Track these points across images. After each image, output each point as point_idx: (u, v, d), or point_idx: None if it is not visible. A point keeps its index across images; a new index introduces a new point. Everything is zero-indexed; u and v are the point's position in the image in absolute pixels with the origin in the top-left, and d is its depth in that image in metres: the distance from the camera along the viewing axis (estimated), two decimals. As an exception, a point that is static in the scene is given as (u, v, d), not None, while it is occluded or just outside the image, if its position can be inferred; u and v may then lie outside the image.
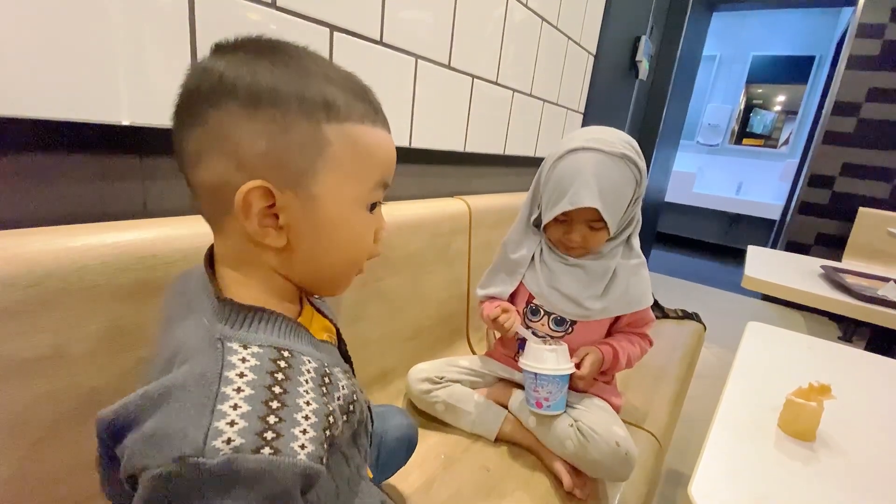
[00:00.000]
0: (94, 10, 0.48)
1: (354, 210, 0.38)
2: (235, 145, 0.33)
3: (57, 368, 0.45)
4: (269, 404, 0.28)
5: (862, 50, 2.47)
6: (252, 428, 0.27)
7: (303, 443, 0.29)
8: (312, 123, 0.34)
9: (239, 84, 0.32)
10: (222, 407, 0.27)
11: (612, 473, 0.69)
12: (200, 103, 0.33)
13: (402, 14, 0.85)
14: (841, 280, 1.19)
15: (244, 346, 0.30)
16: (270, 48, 0.35)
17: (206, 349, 0.30)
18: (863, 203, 2.51)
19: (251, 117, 0.32)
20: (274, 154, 0.33)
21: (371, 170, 0.38)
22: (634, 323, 0.83)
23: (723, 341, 2.14)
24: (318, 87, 0.34)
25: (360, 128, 0.36)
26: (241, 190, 0.32)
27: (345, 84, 0.36)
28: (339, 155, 0.35)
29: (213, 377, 0.28)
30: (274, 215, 0.34)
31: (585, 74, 1.71)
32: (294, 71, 0.34)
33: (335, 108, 0.34)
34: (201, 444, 0.25)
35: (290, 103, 0.33)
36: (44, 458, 0.45)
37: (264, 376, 0.30)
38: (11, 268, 0.41)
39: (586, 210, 0.70)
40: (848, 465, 0.53)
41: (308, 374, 0.33)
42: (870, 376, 0.77)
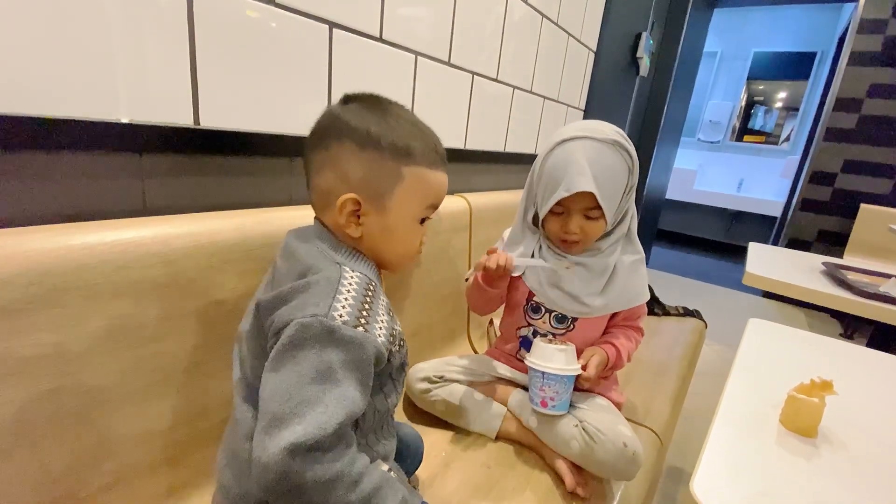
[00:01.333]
0: (93, 9, 0.48)
1: (410, 222, 0.53)
2: (345, 168, 0.49)
3: (57, 366, 0.45)
4: (364, 304, 0.45)
5: (863, 46, 2.46)
6: (354, 313, 0.43)
7: (379, 333, 0.45)
8: (397, 164, 0.50)
9: (356, 130, 0.48)
10: (339, 297, 0.44)
11: (618, 473, 0.69)
12: (329, 136, 0.50)
13: (402, 11, 0.85)
14: (842, 277, 1.18)
15: (351, 271, 0.47)
16: (380, 106, 0.52)
17: (331, 266, 0.47)
18: (864, 199, 2.50)
19: (359, 153, 0.49)
20: (368, 179, 0.49)
21: (427, 197, 0.54)
22: (629, 316, 0.83)
23: (724, 338, 2.14)
24: (405, 139, 0.50)
25: (426, 171, 0.52)
26: (342, 198, 0.49)
27: (423, 138, 0.52)
28: (409, 186, 0.51)
29: (335, 280, 0.45)
30: (357, 216, 0.50)
31: (586, 71, 1.70)
32: (393, 125, 0.50)
33: (412, 156, 0.50)
34: (326, 310, 0.42)
35: (385, 149, 0.49)
36: (44, 457, 0.45)
37: (362, 290, 0.46)
38: (11, 266, 0.41)
39: (583, 198, 0.70)
40: (850, 460, 0.53)
41: (382, 302, 0.49)
42: (871, 372, 0.77)
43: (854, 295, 1.09)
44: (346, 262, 0.48)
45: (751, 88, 4.33)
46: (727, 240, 4.53)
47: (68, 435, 0.47)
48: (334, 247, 0.50)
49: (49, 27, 0.45)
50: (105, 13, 0.49)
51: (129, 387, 0.51)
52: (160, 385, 0.54)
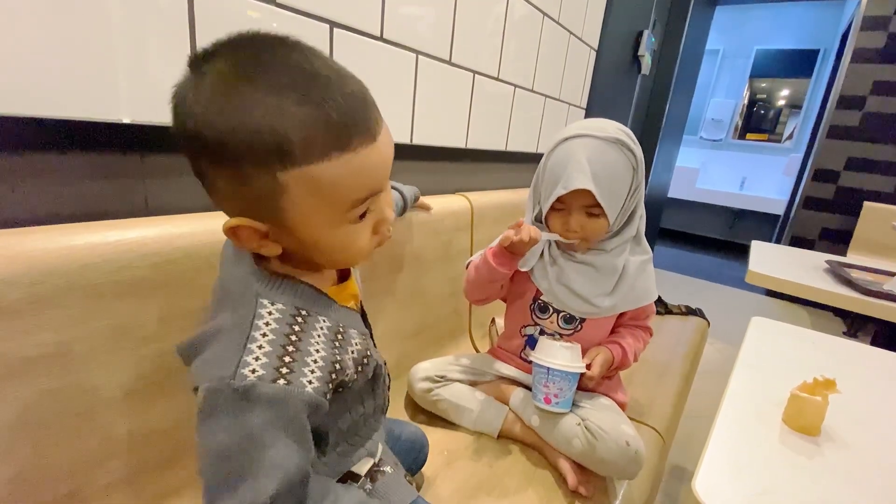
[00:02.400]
0: (94, 9, 0.48)
1: (333, 231, 0.39)
2: (216, 187, 0.37)
3: (60, 366, 0.45)
4: (286, 348, 0.37)
5: (866, 43, 2.45)
6: (272, 363, 0.36)
7: (310, 379, 0.38)
8: (267, 174, 0.34)
9: (200, 142, 0.34)
10: (251, 346, 0.36)
11: (620, 472, 0.69)
12: (183, 147, 0.36)
13: (403, 10, 0.85)
14: (846, 275, 1.18)
15: (272, 303, 0.39)
16: (238, 70, 0.34)
17: (246, 302, 0.38)
18: (868, 197, 2.49)
19: (217, 169, 0.36)
20: (243, 199, 0.37)
21: (344, 197, 0.38)
22: (637, 316, 0.83)
23: (726, 337, 2.13)
24: (269, 132, 0.33)
25: (323, 166, 0.35)
26: (224, 227, 0.38)
27: (306, 113, 0.34)
28: (300, 196, 0.36)
29: (246, 324, 0.37)
30: (265, 234, 0.39)
31: (587, 69, 1.70)
32: (242, 113, 0.33)
33: (290, 153, 0.34)
34: (233, 370, 0.34)
35: (242, 158, 0.34)
36: (47, 456, 0.45)
37: (284, 327, 0.38)
38: (14, 266, 0.42)
39: (582, 195, 0.69)
40: (853, 459, 0.52)
41: (321, 330, 0.41)
42: (875, 371, 0.77)
43: (857, 293, 1.08)
44: (266, 293, 0.39)
45: (753, 86, 4.31)
46: (730, 238, 4.52)
47: (71, 434, 0.47)
48: (255, 269, 0.41)
49: (50, 28, 0.45)
50: (106, 13, 0.49)
51: (131, 386, 0.51)
52: (162, 384, 0.54)
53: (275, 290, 0.40)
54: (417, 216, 0.94)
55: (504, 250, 0.73)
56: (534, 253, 0.80)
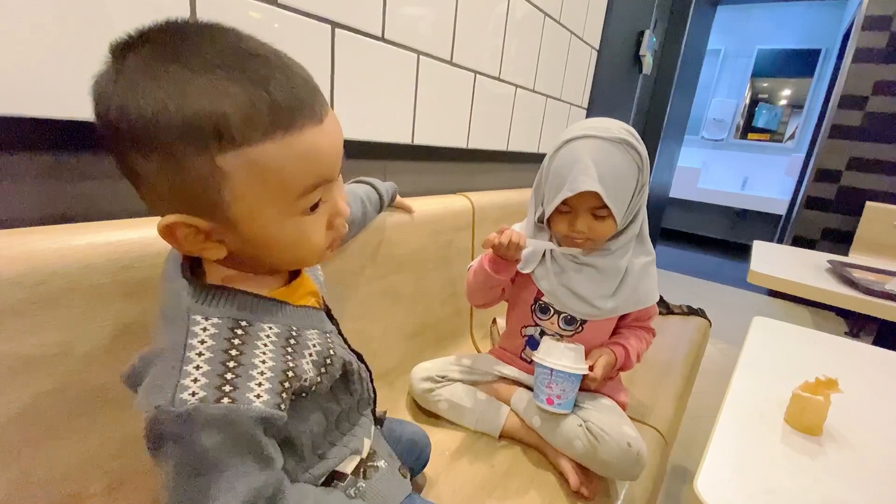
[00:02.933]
0: (96, 9, 0.48)
1: (282, 224, 0.37)
2: (146, 181, 0.33)
3: (63, 366, 0.45)
4: (226, 364, 0.34)
5: (868, 42, 2.45)
6: (213, 382, 0.33)
7: (258, 393, 0.35)
8: (204, 158, 0.31)
9: (124, 125, 0.31)
10: (187, 367, 0.33)
11: (621, 473, 0.69)
12: (106, 139, 0.33)
13: (404, 10, 0.85)
14: (848, 275, 1.18)
15: (206, 318, 0.36)
16: (155, 54, 0.31)
17: (178, 319, 0.35)
18: (870, 197, 2.48)
19: (146, 158, 0.32)
20: (177, 192, 0.33)
21: (291, 183, 0.35)
22: (640, 317, 0.82)
23: (728, 337, 2.13)
24: (202, 110, 0.30)
25: (265, 146, 0.32)
26: (158, 226, 0.34)
27: (243, 91, 0.31)
28: (242, 183, 0.33)
29: (179, 345, 0.34)
30: (206, 234, 0.36)
31: (588, 69, 1.70)
32: (174, 91, 0.30)
33: (228, 132, 0.31)
34: (171, 397, 0.32)
35: (173, 141, 0.30)
36: (50, 456, 0.46)
37: (222, 342, 0.35)
38: (17, 266, 0.42)
39: (588, 197, 0.68)
40: (855, 459, 0.52)
41: (267, 338, 0.38)
42: (877, 371, 0.76)
43: (860, 293, 1.08)
44: (198, 308, 0.36)
45: (755, 86, 4.30)
46: (731, 238, 4.51)
47: (74, 434, 0.47)
48: (188, 282, 0.37)
49: (52, 29, 0.45)
50: (108, 14, 0.49)
51: (134, 386, 0.51)
52: (165, 384, 0.54)
53: (208, 303, 0.36)
54: (418, 215, 0.94)
55: (498, 256, 0.73)
56: (535, 255, 0.80)
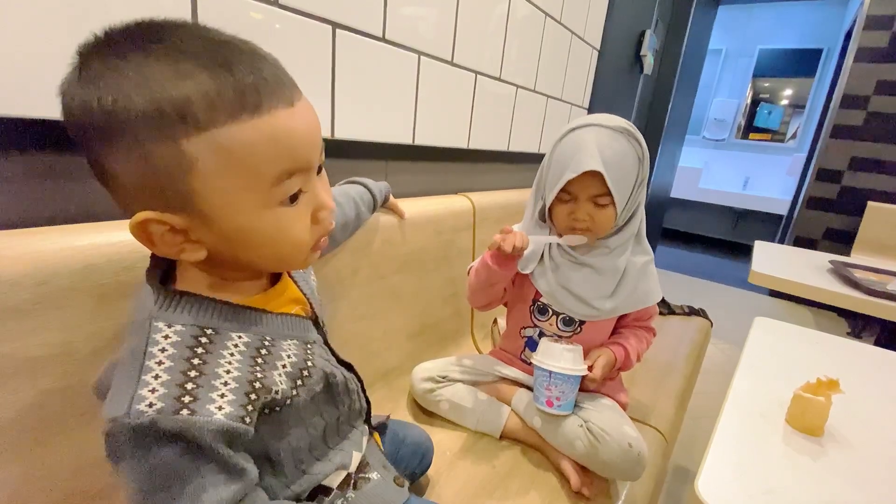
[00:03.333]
0: (98, 10, 0.48)
1: (260, 215, 0.35)
2: (114, 177, 0.32)
3: (65, 366, 0.45)
4: (187, 373, 0.33)
5: (870, 42, 2.44)
6: (171, 394, 0.31)
7: (220, 405, 0.33)
8: (169, 144, 0.30)
9: (87, 118, 0.30)
10: (146, 377, 0.32)
11: (622, 473, 0.69)
12: (75, 138, 0.32)
13: (405, 10, 0.85)
14: (849, 275, 1.17)
15: (168, 325, 0.34)
16: (116, 50, 0.31)
17: (139, 327, 0.34)
18: (872, 197, 2.48)
19: (112, 151, 0.31)
20: (146, 185, 0.32)
21: (263, 168, 0.33)
22: (640, 317, 0.82)
23: (729, 337, 2.13)
24: (167, 93, 0.29)
25: (232, 129, 0.31)
26: (131, 225, 0.33)
27: (206, 74, 0.30)
28: (211, 169, 0.32)
29: (139, 353, 0.32)
30: (182, 232, 0.34)
31: (589, 70, 1.70)
32: (136, 79, 0.29)
33: (193, 116, 0.30)
34: (126, 408, 0.30)
35: (137, 128, 0.30)
36: (53, 455, 0.46)
37: (184, 350, 0.34)
38: (20, 266, 0.42)
39: (590, 184, 0.69)
40: (856, 459, 0.52)
41: (235, 348, 0.37)
42: (879, 371, 0.76)
43: (861, 293, 1.08)
44: (161, 314, 0.34)
45: (756, 86, 4.30)
46: (733, 238, 4.50)
47: (76, 434, 0.47)
48: (153, 288, 0.36)
49: (54, 30, 0.46)
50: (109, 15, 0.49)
51: (136, 386, 0.51)
52: (167, 384, 0.54)
53: (171, 309, 0.35)
54: (419, 215, 0.94)
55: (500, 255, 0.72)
56: (534, 255, 0.79)
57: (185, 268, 0.39)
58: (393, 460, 0.61)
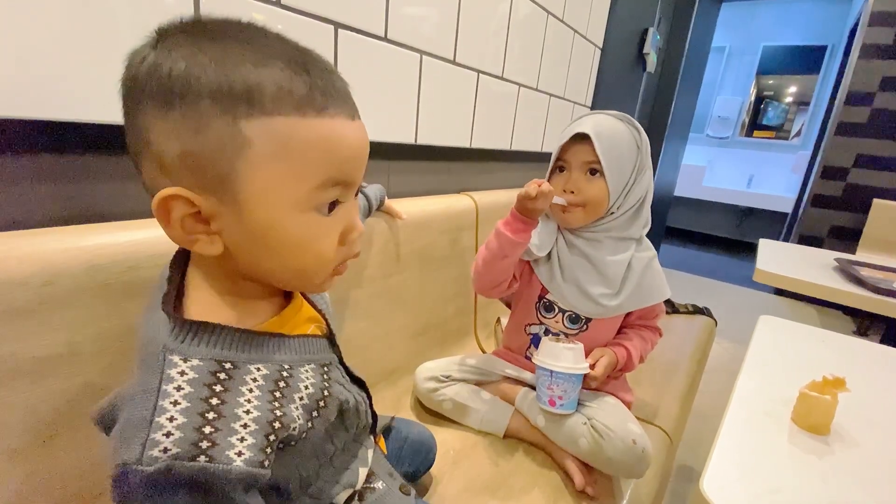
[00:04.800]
0: (101, 11, 0.48)
1: (293, 215, 0.34)
2: (155, 147, 0.31)
3: (70, 366, 0.46)
4: (205, 415, 0.30)
5: (875, 38, 2.42)
6: (188, 438, 0.29)
7: (240, 450, 0.31)
8: (228, 120, 0.30)
9: (153, 80, 0.30)
10: (160, 419, 0.29)
11: (627, 471, 0.69)
12: (127, 99, 0.32)
13: (407, 10, 0.85)
14: (855, 273, 1.17)
15: (184, 360, 0.31)
16: (200, 30, 0.31)
17: (152, 359, 0.31)
18: (877, 194, 2.46)
19: (164, 117, 0.30)
20: (189, 157, 0.30)
21: (313, 168, 0.33)
22: (645, 316, 0.82)
23: (734, 336, 2.12)
24: (241, 75, 0.30)
25: (295, 121, 0.31)
26: (156, 198, 0.31)
27: (282, 66, 0.31)
28: (263, 156, 0.31)
29: (152, 390, 0.29)
30: (205, 221, 0.33)
31: (592, 68, 1.69)
32: (213, 55, 0.30)
33: (260, 99, 0.30)
34: (139, 454, 0.28)
35: (201, 98, 0.29)
36: (58, 455, 0.46)
37: (202, 389, 0.31)
38: (25, 267, 0.42)
39: (581, 148, 0.73)
40: (863, 458, 0.52)
41: (254, 382, 0.34)
42: (885, 369, 0.76)
43: (867, 291, 1.07)
44: (177, 346, 0.31)
45: (760, 83, 4.27)
46: (737, 236, 4.48)
47: (81, 434, 0.47)
48: (168, 316, 0.33)
49: (57, 32, 0.46)
50: (113, 16, 0.49)
51: (140, 386, 0.51)
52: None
53: (188, 341, 0.32)
54: (422, 214, 0.94)
55: (517, 218, 0.70)
56: (546, 242, 0.78)
57: (198, 284, 0.37)
58: (396, 458, 0.61)
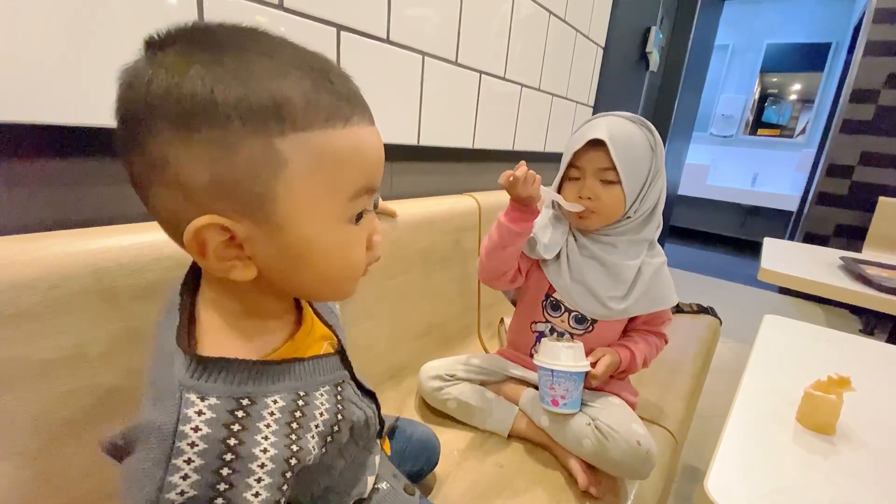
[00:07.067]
0: (104, 14, 0.49)
1: (330, 229, 0.33)
2: (176, 174, 0.29)
3: (77, 369, 0.46)
4: (223, 457, 0.29)
5: (879, 35, 2.41)
6: (205, 481, 0.28)
7: (257, 490, 0.30)
8: (262, 139, 0.28)
9: (168, 101, 0.27)
10: (177, 461, 0.28)
11: (631, 472, 0.68)
12: (132, 125, 0.29)
13: (409, 12, 0.85)
14: (861, 271, 1.16)
15: (201, 399, 0.30)
16: (206, 40, 0.29)
17: (168, 397, 0.29)
18: (883, 192, 2.44)
19: (187, 141, 0.28)
20: (221, 182, 0.29)
21: (347, 180, 0.33)
22: (651, 321, 0.82)
23: (739, 335, 2.11)
24: (266, 89, 0.28)
25: (327, 134, 0.30)
26: (189, 230, 0.29)
27: (304, 76, 0.30)
28: (300, 173, 0.30)
29: (168, 432, 0.28)
30: (238, 245, 0.31)
31: (594, 67, 1.69)
32: (234, 69, 0.28)
33: (290, 115, 0.29)
34: (154, 498, 0.27)
35: (229, 118, 0.27)
36: (64, 457, 0.46)
37: (220, 430, 0.29)
38: (31, 270, 0.42)
39: (596, 155, 0.71)
40: (869, 458, 0.52)
41: (271, 416, 0.33)
42: (891, 369, 0.75)
43: (873, 290, 1.07)
44: (193, 384, 0.30)
45: (764, 81, 4.25)
46: (742, 235, 4.46)
47: (88, 436, 0.48)
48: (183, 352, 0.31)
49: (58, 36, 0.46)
50: (115, 20, 0.50)
51: (146, 387, 0.52)
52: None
53: (205, 378, 0.30)
54: (424, 215, 0.94)
55: (516, 206, 0.71)
56: (556, 242, 0.78)
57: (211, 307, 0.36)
58: (400, 458, 0.61)
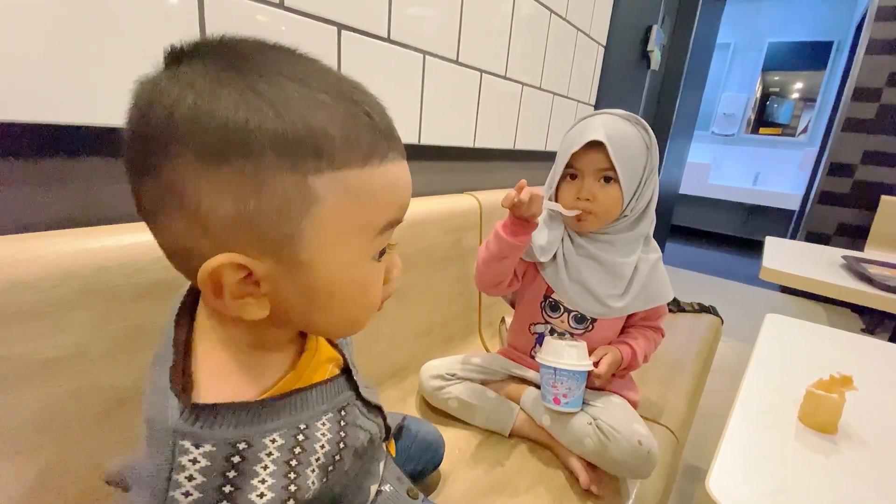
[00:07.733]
0: (104, 14, 0.49)
1: (354, 267, 0.32)
2: (196, 206, 0.26)
3: (79, 368, 0.46)
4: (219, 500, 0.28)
5: (882, 34, 2.40)
6: None
7: None
8: (296, 176, 0.26)
9: (195, 127, 0.25)
10: None
11: (633, 472, 0.68)
12: (148, 146, 0.27)
13: (410, 11, 0.85)
14: (863, 270, 1.16)
15: (196, 445, 0.28)
16: (235, 59, 0.27)
17: (161, 442, 0.28)
18: (885, 191, 2.44)
19: (213, 172, 0.26)
20: (245, 219, 0.26)
21: (377, 217, 0.31)
22: (649, 317, 0.82)
23: (740, 335, 2.11)
24: (303, 123, 0.26)
25: (364, 172, 0.29)
26: (205, 269, 0.27)
27: (342, 108, 0.28)
28: (331, 212, 0.28)
29: (163, 480, 0.27)
30: (255, 283, 0.29)
31: (596, 66, 1.69)
32: (270, 98, 0.25)
33: (329, 151, 0.27)
34: None
35: (263, 152, 0.25)
36: (68, 454, 0.46)
37: (215, 478, 0.28)
38: (34, 269, 0.43)
39: (595, 156, 0.71)
40: (871, 457, 0.51)
41: (269, 457, 0.31)
42: (893, 368, 0.75)
43: (876, 289, 1.06)
44: (188, 430, 0.28)
45: (766, 79, 4.24)
46: (743, 234, 4.46)
47: (90, 434, 0.48)
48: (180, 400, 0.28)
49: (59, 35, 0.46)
50: (116, 19, 0.50)
51: (148, 386, 0.52)
52: (178, 385, 0.55)
53: (199, 424, 0.28)
54: (425, 214, 0.94)
55: (516, 220, 0.70)
56: (551, 244, 0.78)
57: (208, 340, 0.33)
58: (404, 457, 0.61)
